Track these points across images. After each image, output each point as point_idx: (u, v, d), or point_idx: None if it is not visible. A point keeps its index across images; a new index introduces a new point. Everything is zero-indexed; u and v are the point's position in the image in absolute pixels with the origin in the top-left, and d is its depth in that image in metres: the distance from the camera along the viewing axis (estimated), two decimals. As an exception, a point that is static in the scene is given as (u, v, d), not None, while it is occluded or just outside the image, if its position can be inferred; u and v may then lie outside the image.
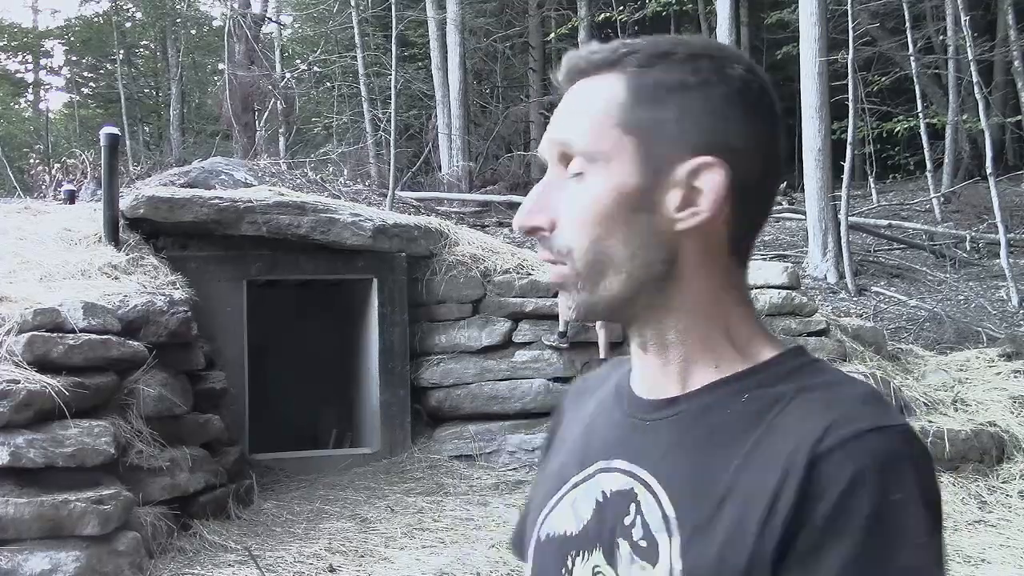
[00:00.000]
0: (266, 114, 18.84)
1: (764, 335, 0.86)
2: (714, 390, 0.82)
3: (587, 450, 0.90)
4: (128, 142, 19.28)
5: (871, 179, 15.14)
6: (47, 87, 31.47)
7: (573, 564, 0.85)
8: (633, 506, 0.80)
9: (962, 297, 10.49)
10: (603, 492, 0.84)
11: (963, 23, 11.67)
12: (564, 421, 1.02)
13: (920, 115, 14.19)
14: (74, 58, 29.23)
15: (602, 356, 6.99)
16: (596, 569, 0.82)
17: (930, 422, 6.20)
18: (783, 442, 0.75)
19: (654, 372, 0.86)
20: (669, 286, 0.83)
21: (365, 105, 17.00)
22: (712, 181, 0.80)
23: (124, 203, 6.48)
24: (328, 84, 21.01)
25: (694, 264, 0.82)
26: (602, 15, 17.44)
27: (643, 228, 0.81)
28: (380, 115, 16.68)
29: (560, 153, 0.84)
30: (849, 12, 11.03)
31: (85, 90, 29.63)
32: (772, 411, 0.78)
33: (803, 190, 11.50)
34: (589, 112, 0.83)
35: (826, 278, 10.71)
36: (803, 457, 0.73)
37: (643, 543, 0.78)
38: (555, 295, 7.14)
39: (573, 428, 0.97)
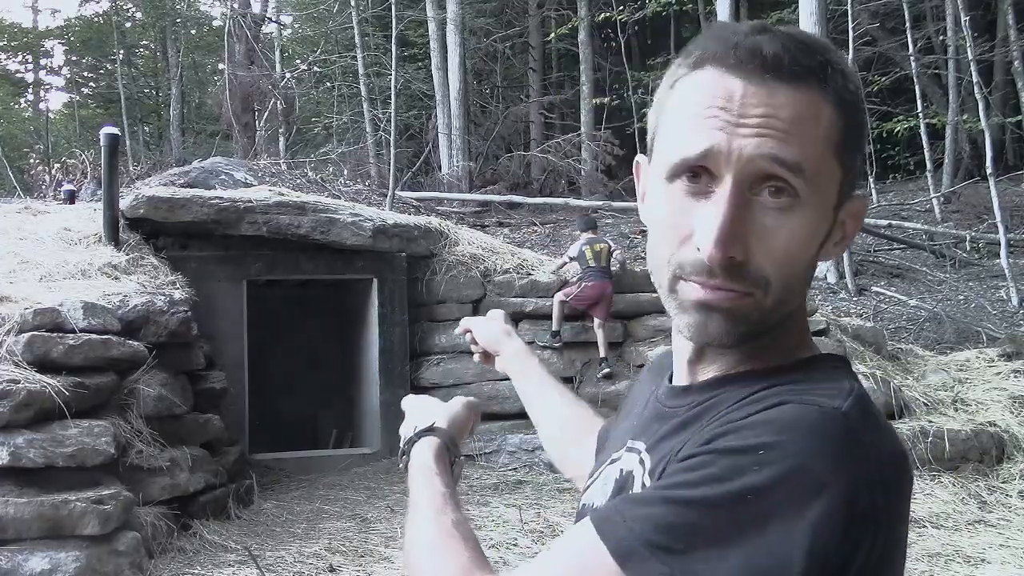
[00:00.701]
0: (266, 114, 18.84)
1: (809, 340, 0.85)
2: (725, 385, 0.81)
3: (627, 429, 0.94)
4: (128, 142, 19.28)
5: (871, 179, 15.12)
6: (47, 87, 31.48)
7: None
8: (635, 487, 0.83)
9: (962, 297, 10.48)
10: (621, 470, 0.87)
11: (963, 23, 11.67)
12: (632, 396, 1.05)
13: (920, 115, 14.18)
14: (74, 58, 29.21)
15: (602, 355, 6.99)
16: None
17: (930, 422, 6.20)
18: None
19: (696, 370, 0.86)
20: (788, 313, 0.81)
21: (365, 105, 17.00)
22: (864, 216, 0.83)
23: (124, 203, 6.48)
24: (328, 84, 21.00)
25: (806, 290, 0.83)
26: (602, 15, 17.43)
27: (813, 260, 0.79)
28: (380, 115, 16.68)
29: (768, 172, 0.74)
30: (849, 12, 11.04)
31: (85, 90, 29.62)
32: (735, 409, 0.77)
33: (803, 190, 11.48)
34: (816, 136, 0.75)
35: (826, 278, 10.72)
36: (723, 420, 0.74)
37: None
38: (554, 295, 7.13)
39: (629, 405, 1.02)
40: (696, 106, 0.76)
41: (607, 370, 6.94)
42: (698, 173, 0.76)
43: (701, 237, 0.75)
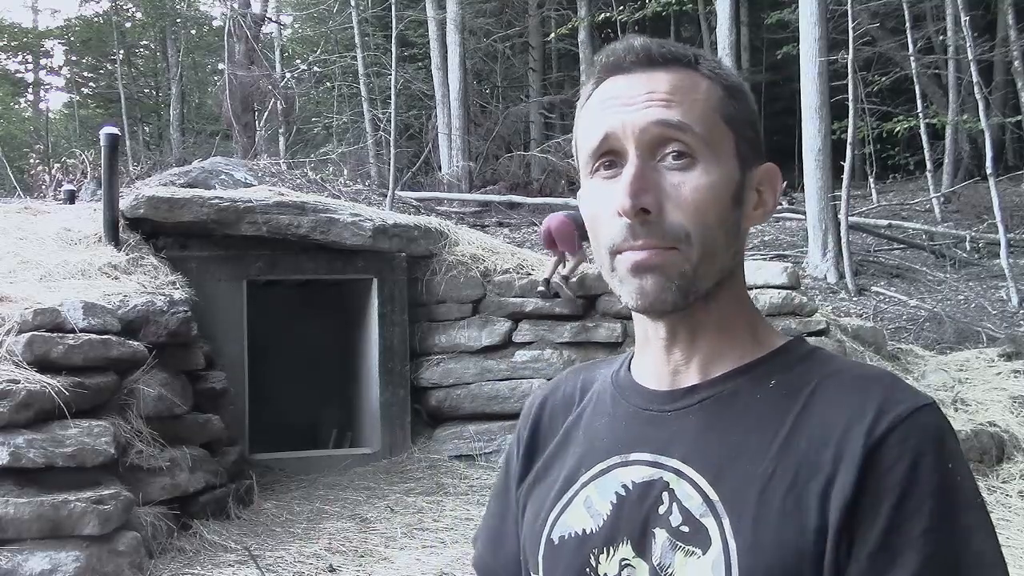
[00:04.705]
0: (266, 114, 18.84)
1: (770, 326, 0.92)
2: (737, 377, 0.85)
3: (592, 449, 0.90)
4: (128, 142, 19.28)
5: (871, 179, 15.14)
6: (47, 87, 31.45)
7: (598, 562, 0.84)
8: (666, 495, 0.81)
9: (962, 297, 10.48)
10: (623, 486, 0.84)
11: (963, 23, 11.66)
12: (542, 430, 0.99)
13: (920, 115, 14.18)
14: (74, 58, 29.19)
15: (546, 276, 7.04)
16: (624, 562, 0.83)
17: (930, 422, 6.20)
18: (827, 424, 0.78)
19: (674, 365, 0.88)
20: (727, 279, 0.87)
21: (365, 105, 17.01)
22: (777, 183, 0.89)
23: (124, 203, 6.48)
24: (328, 84, 21.02)
25: (742, 260, 0.90)
26: (602, 15, 17.43)
27: (736, 220, 0.86)
28: (380, 115, 16.69)
29: (662, 137, 0.82)
30: (849, 12, 11.03)
31: (85, 90, 29.59)
32: (802, 393, 0.81)
33: (803, 190, 11.50)
34: (697, 101, 0.84)
35: (826, 278, 10.71)
36: (859, 438, 0.76)
37: (685, 528, 0.79)
38: (555, 297, 7.12)
39: (562, 434, 0.95)
40: (596, 109, 0.87)
41: (542, 289, 7.00)
42: (612, 162, 0.84)
43: (617, 201, 0.82)
